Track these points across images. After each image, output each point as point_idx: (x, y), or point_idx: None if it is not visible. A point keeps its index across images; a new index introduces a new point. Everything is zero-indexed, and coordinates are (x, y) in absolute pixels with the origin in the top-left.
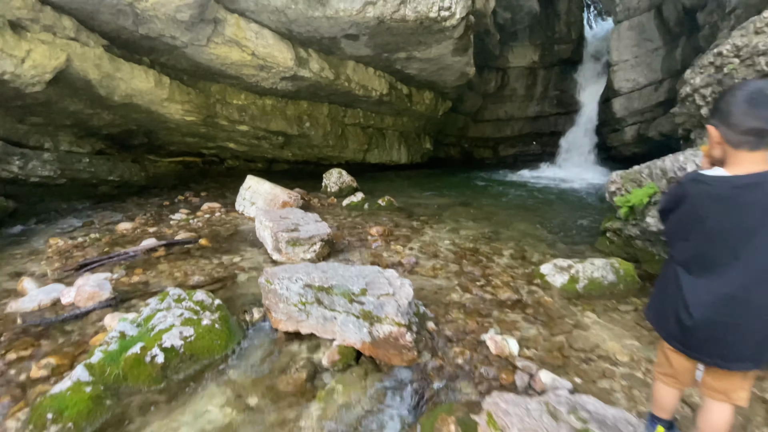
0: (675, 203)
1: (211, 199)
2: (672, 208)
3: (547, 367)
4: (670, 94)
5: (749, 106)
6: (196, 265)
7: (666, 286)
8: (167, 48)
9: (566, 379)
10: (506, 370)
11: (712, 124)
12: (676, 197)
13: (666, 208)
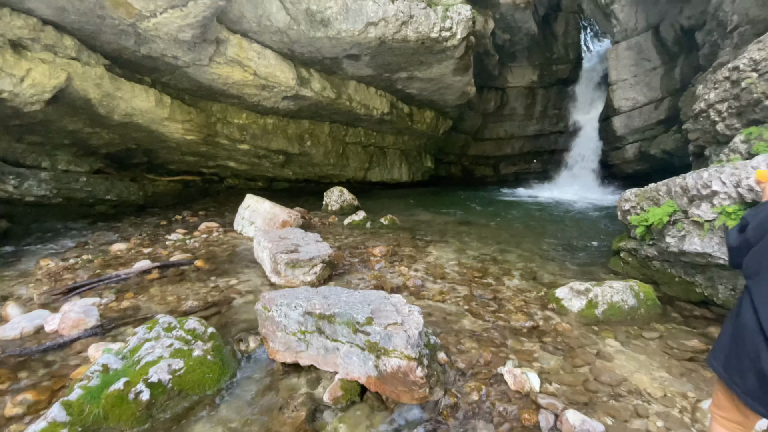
0: (759, 237)
1: (209, 218)
2: (754, 242)
3: (573, 405)
4: (671, 112)
5: None
6: (191, 288)
7: (743, 335)
8: (169, 68)
9: (595, 419)
10: (528, 410)
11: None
12: (762, 229)
13: (741, 244)
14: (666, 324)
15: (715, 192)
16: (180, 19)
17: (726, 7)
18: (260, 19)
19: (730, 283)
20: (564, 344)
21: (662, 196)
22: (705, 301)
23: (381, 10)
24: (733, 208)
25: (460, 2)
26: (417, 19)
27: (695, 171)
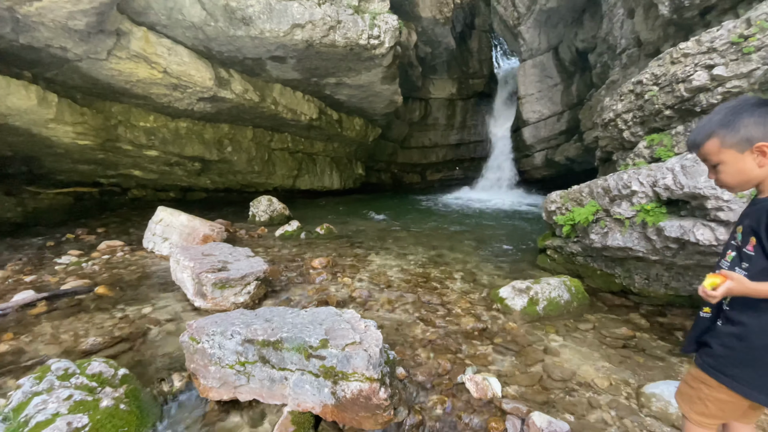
0: None
1: (111, 236)
2: None
3: (535, 405)
4: (570, 123)
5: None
6: (91, 321)
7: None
8: (55, 61)
9: (558, 417)
10: (495, 417)
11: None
12: None
13: None
14: (595, 314)
15: (634, 191)
16: (71, 4)
17: (615, 32)
18: (170, 12)
19: (644, 272)
20: (514, 343)
21: (585, 197)
22: (623, 291)
23: (307, 13)
24: (651, 206)
25: (386, 11)
26: (345, 25)
27: (615, 173)
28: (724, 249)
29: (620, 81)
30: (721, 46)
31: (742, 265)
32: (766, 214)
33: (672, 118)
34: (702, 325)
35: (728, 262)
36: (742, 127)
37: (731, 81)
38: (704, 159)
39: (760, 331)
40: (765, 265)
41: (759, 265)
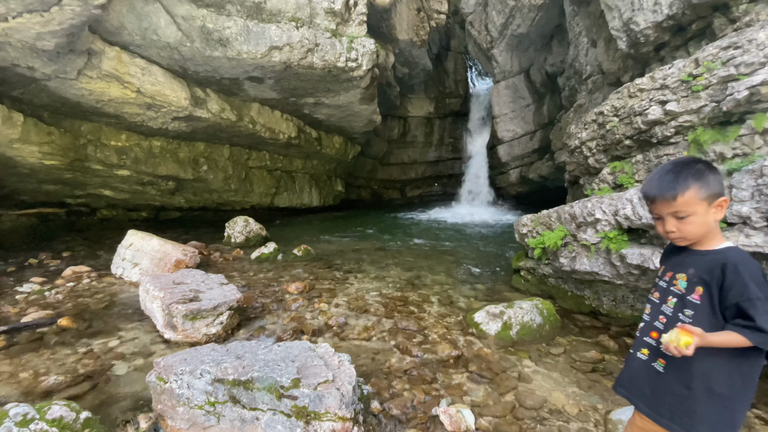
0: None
1: (77, 260)
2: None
3: None
4: (542, 142)
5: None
6: (53, 357)
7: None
8: (22, 80)
9: None
10: None
11: (723, 197)
12: (764, 276)
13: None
14: (567, 337)
15: (597, 219)
16: (39, 25)
17: (581, 59)
18: (145, 33)
19: (611, 294)
20: (488, 370)
21: (554, 221)
22: (593, 312)
23: (285, 36)
24: (613, 234)
25: (363, 35)
26: (323, 48)
27: (580, 200)
28: (661, 293)
29: (587, 105)
30: (673, 83)
31: (686, 312)
32: (720, 270)
33: (632, 147)
34: (637, 366)
35: (670, 307)
36: (711, 182)
37: (683, 116)
38: (674, 210)
39: (724, 376)
40: (708, 314)
41: (702, 314)
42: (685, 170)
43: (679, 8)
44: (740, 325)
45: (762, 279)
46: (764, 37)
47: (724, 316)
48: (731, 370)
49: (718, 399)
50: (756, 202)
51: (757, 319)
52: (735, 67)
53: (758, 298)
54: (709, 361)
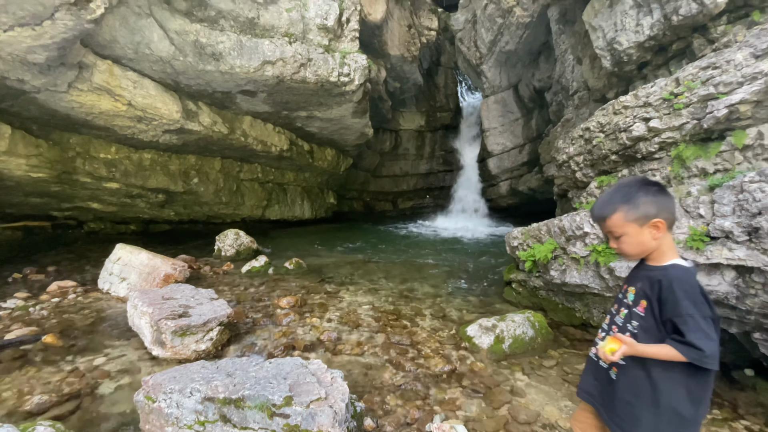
0: (707, 298)
1: (63, 275)
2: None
3: None
4: (531, 155)
5: (666, 191)
6: (38, 376)
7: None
8: (11, 92)
9: None
10: None
11: (657, 218)
12: (710, 305)
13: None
14: (558, 349)
15: (586, 233)
16: (31, 39)
17: (567, 75)
18: (138, 47)
19: (601, 307)
20: (481, 385)
21: (544, 234)
22: (584, 324)
23: (278, 51)
24: (601, 247)
25: (356, 51)
26: (316, 63)
27: (569, 214)
28: (618, 304)
29: (573, 119)
30: (655, 101)
31: (632, 323)
32: (658, 285)
33: (618, 162)
34: (595, 372)
35: (621, 318)
36: (641, 205)
37: (666, 132)
38: (608, 231)
39: (670, 388)
40: (652, 327)
41: (647, 326)
42: (618, 193)
43: (660, 29)
44: (676, 340)
45: (697, 296)
46: (741, 57)
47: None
48: (679, 385)
49: (663, 411)
50: (737, 216)
51: (688, 335)
52: (714, 87)
53: (690, 314)
54: (658, 375)
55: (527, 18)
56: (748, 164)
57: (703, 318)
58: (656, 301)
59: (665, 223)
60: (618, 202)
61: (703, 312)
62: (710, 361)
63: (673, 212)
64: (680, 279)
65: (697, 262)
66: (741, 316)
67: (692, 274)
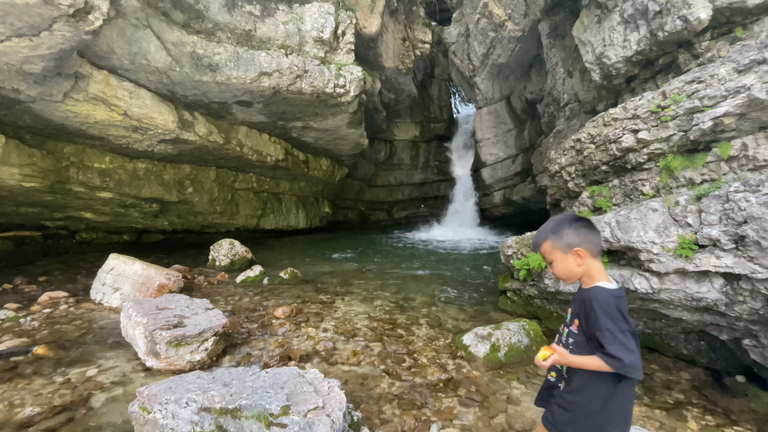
0: (625, 314)
1: (54, 285)
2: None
3: None
4: (524, 165)
5: (592, 226)
6: (28, 388)
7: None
8: (5, 102)
9: None
10: None
11: (578, 248)
12: (621, 309)
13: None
14: None
15: None
16: (28, 49)
17: (558, 88)
18: (134, 57)
19: None
20: (478, 394)
21: None
22: None
23: (275, 62)
24: None
25: (351, 63)
26: (312, 74)
27: None
28: (563, 324)
29: (565, 130)
30: (643, 113)
31: (570, 339)
32: (584, 305)
33: (608, 172)
34: (548, 385)
35: (564, 336)
36: (564, 236)
37: (654, 144)
38: (543, 257)
39: (590, 396)
40: (584, 342)
41: (580, 342)
42: (549, 226)
43: (646, 45)
44: (601, 352)
45: (614, 312)
46: (725, 72)
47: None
48: (598, 391)
49: (586, 414)
50: (724, 225)
51: (607, 347)
52: (699, 100)
53: (607, 328)
54: (582, 380)
55: (519, 32)
56: (733, 174)
57: (620, 332)
58: (584, 319)
59: (587, 252)
60: (548, 233)
61: (620, 327)
62: (631, 370)
63: (595, 244)
64: (598, 298)
65: (686, 270)
66: (730, 322)
67: (611, 295)
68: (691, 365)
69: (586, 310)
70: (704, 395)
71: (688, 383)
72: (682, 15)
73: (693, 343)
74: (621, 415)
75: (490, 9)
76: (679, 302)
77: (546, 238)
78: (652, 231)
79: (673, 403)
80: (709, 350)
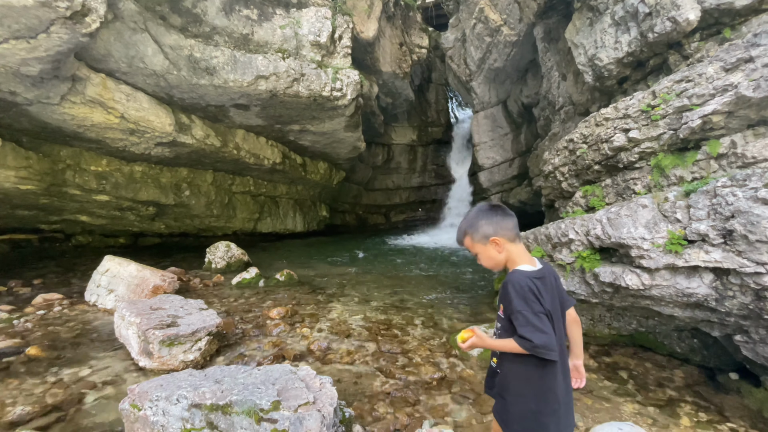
0: (539, 296)
1: (49, 288)
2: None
3: None
4: (521, 169)
5: (504, 211)
6: (20, 387)
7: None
8: (2, 105)
9: None
10: None
11: (495, 236)
12: (537, 291)
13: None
14: None
15: (571, 240)
16: (26, 51)
17: (553, 91)
18: (132, 60)
19: (588, 314)
20: (471, 391)
21: (531, 242)
22: None
23: (272, 66)
24: (586, 253)
25: (348, 67)
26: (308, 78)
27: (555, 222)
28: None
29: (560, 134)
30: (634, 113)
31: (498, 325)
32: (503, 289)
33: (601, 172)
34: (491, 372)
35: (497, 322)
36: (480, 227)
37: (645, 143)
38: (469, 250)
39: (518, 381)
40: (508, 326)
41: (505, 326)
42: (465, 222)
43: (637, 46)
44: (515, 335)
45: (527, 294)
46: (713, 71)
47: None
48: (525, 375)
49: (519, 399)
50: (712, 220)
51: (519, 329)
52: (688, 98)
53: (518, 311)
54: (508, 365)
55: (514, 37)
56: (723, 172)
57: (533, 314)
58: (504, 303)
59: (504, 239)
60: (465, 228)
61: (533, 308)
62: (542, 351)
63: (510, 229)
64: (512, 281)
65: (676, 265)
66: (721, 318)
67: (527, 276)
68: (685, 363)
69: (504, 293)
70: (697, 392)
71: (681, 381)
72: (671, 16)
73: (686, 341)
74: (553, 399)
75: (486, 14)
76: (670, 298)
77: (465, 234)
78: (642, 227)
79: (666, 400)
80: (702, 348)
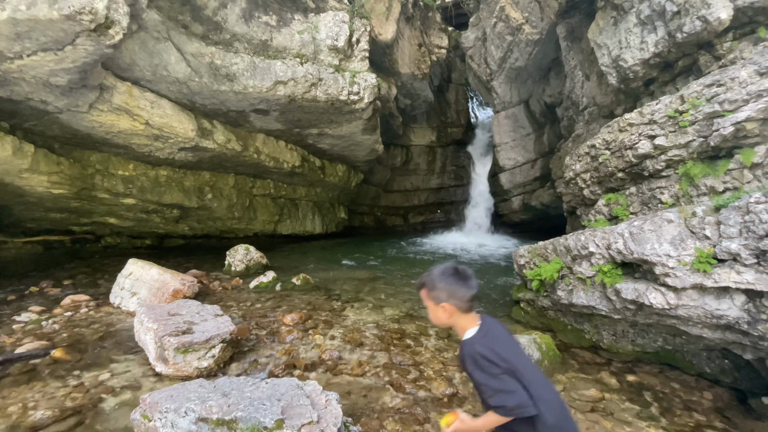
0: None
1: (77, 289)
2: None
3: None
4: (543, 170)
5: (465, 282)
6: (43, 390)
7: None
8: (35, 113)
9: None
10: None
11: (445, 303)
12: (490, 351)
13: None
14: (567, 373)
15: (591, 253)
16: (54, 63)
17: (577, 91)
18: (156, 69)
19: (611, 329)
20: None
21: (550, 253)
22: (594, 346)
23: (290, 71)
24: (607, 267)
25: (365, 70)
26: (326, 82)
27: (574, 233)
28: None
29: (584, 135)
30: (660, 118)
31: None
32: (461, 362)
33: (625, 179)
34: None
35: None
36: (436, 289)
37: (672, 150)
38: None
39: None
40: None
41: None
42: (427, 276)
43: (665, 46)
44: (489, 408)
45: (480, 363)
46: (746, 75)
47: None
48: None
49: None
50: (744, 239)
51: (488, 401)
52: (719, 104)
53: (481, 384)
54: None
55: (536, 35)
56: (758, 182)
57: (494, 379)
58: (467, 373)
59: (454, 308)
60: (425, 281)
61: (492, 373)
62: (519, 411)
63: (464, 301)
64: (465, 354)
65: (705, 285)
66: (754, 342)
67: (475, 343)
68: (715, 384)
69: (463, 366)
70: (726, 417)
71: (710, 403)
72: (701, 15)
73: (716, 362)
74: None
75: (507, 13)
76: (698, 319)
77: (423, 286)
78: (667, 243)
79: (693, 425)
80: (733, 369)
